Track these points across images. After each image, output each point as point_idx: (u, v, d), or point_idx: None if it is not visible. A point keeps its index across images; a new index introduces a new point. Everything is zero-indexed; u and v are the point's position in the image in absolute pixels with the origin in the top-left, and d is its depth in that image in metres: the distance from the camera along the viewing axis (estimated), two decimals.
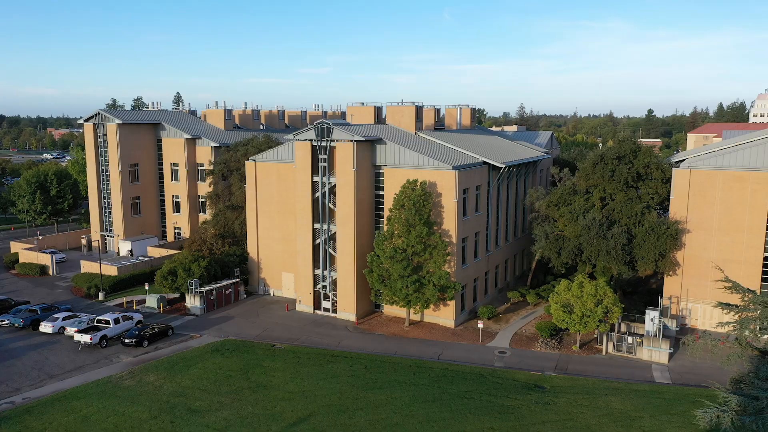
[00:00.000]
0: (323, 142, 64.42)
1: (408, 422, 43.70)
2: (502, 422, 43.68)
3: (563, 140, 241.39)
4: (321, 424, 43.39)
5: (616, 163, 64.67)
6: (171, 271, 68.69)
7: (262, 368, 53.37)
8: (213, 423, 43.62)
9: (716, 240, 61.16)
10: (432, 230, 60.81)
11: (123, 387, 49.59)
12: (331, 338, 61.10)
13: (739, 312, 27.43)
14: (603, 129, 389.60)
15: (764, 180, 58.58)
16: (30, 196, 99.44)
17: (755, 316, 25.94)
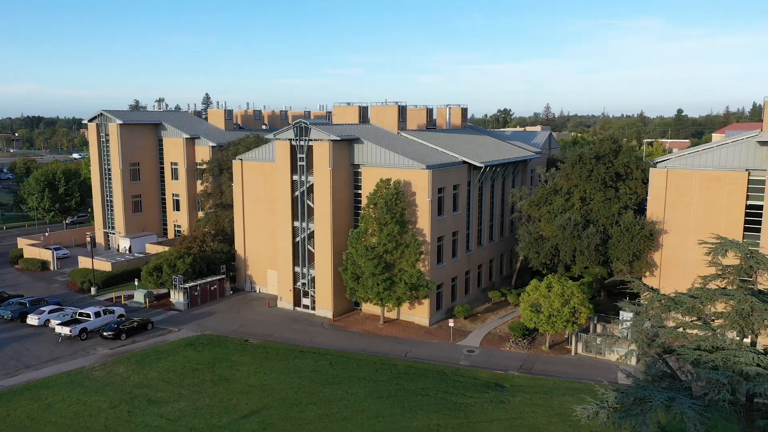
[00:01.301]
0: (301, 142, 65.48)
1: (357, 417, 44.39)
2: (451, 419, 44.02)
3: (581, 140, 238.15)
4: (271, 417, 44.38)
5: (594, 163, 64.24)
6: (156, 267, 70.58)
7: (229, 362, 54.62)
8: (168, 413, 44.97)
9: (693, 241, 60.10)
10: (405, 229, 61.31)
11: (92, 378, 51.35)
12: (305, 334, 62.07)
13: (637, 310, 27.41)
14: (631, 129, 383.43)
15: (740, 180, 57.55)
16: (39, 194, 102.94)
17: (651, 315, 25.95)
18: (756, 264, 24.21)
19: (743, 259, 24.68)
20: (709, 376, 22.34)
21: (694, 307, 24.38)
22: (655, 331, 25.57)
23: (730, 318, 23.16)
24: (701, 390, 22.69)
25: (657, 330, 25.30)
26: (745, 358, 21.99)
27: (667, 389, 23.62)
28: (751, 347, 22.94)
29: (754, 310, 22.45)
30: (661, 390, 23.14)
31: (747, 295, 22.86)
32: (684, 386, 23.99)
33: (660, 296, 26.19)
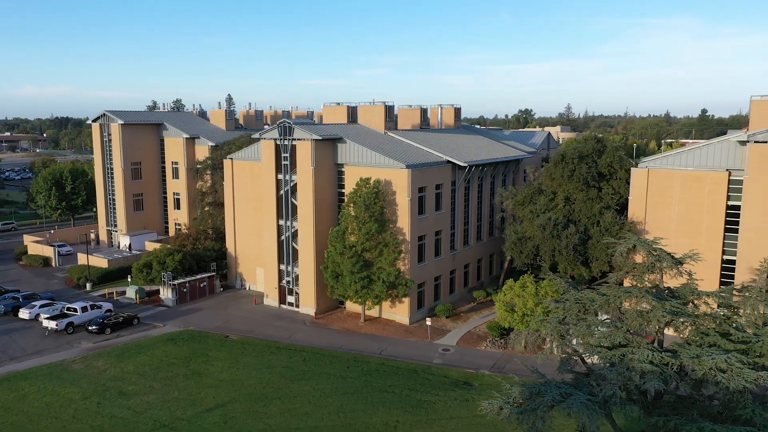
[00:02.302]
0: (285, 141, 66.36)
1: (318, 412, 45.04)
2: (410, 416, 44.41)
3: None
4: (234, 411, 45.25)
5: (577, 163, 63.93)
6: (146, 264, 72.13)
7: (205, 357, 55.68)
8: (135, 405, 46.13)
9: (674, 242, 59.39)
10: (385, 227, 61.77)
11: (70, 370, 52.81)
12: (285, 331, 62.89)
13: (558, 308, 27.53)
14: (654, 129, 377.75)
15: (721, 180, 56.84)
16: (46, 192, 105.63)
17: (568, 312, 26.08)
18: (658, 262, 24.19)
19: (647, 257, 24.68)
20: (601, 372, 22.43)
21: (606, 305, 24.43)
22: (567, 329, 25.70)
23: (631, 316, 23.19)
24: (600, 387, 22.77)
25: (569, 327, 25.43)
26: (640, 355, 22.02)
27: (570, 385, 23.76)
28: (650, 345, 22.95)
29: (653, 308, 22.45)
30: (558, 386, 23.31)
31: (644, 294, 22.87)
32: (592, 383, 24.06)
33: (578, 294, 26.30)
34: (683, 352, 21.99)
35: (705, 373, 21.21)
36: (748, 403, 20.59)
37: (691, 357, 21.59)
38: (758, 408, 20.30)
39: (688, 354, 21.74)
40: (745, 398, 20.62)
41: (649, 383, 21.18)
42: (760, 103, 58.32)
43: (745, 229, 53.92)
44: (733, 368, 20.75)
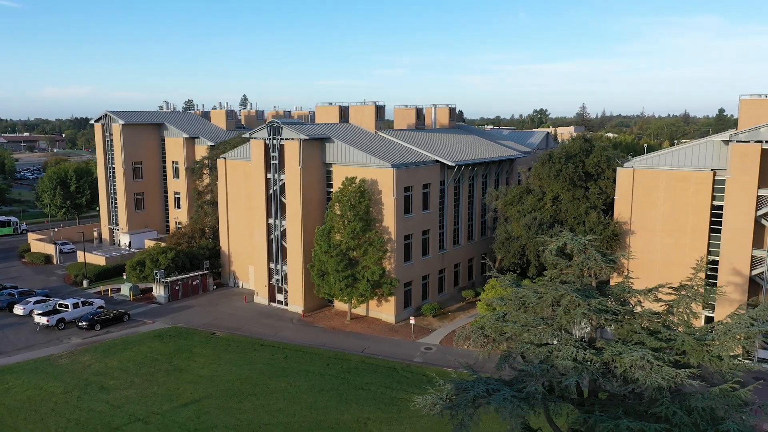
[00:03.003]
0: (274, 141, 67.04)
1: (291, 408, 45.59)
2: (381, 413, 44.77)
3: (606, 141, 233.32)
4: (208, 406, 45.95)
5: (563, 162, 63.79)
6: (139, 262, 73.26)
7: (189, 353, 56.49)
8: (113, 400, 47.02)
9: (660, 242, 59.26)
10: (370, 226, 62.16)
11: (56, 365, 53.92)
12: (272, 329, 63.54)
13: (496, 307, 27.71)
14: (670, 129, 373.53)
15: (706, 180, 56.35)
16: (51, 191, 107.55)
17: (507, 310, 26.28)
18: (586, 260, 24.29)
19: (576, 255, 24.78)
20: (522, 368, 22.61)
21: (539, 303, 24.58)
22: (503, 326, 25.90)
23: (559, 314, 23.33)
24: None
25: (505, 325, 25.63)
26: (565, 352, 22.16)
27: (503, 382, 23.97)
28: (578, 342, 23.06)
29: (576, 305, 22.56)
30: (486, 382, 23.53)
31: (569, 291, 22.99)
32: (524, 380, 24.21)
33: (520, 291, 26.48)
34: (608, 350, 22.08)
35: (625, 370, 21.31)
36: (665, 401, 20.64)
37: (613, 354, 21.69)
38: (673, 406, 20.33)
39: (611, 351, 21.83)
40: (663, 395, 20.66)
41: (567, 380, 21.32)
42: (749, 102, 57.72)
43: (727, 229, 53.42)
44: (652, 366, 20.81)
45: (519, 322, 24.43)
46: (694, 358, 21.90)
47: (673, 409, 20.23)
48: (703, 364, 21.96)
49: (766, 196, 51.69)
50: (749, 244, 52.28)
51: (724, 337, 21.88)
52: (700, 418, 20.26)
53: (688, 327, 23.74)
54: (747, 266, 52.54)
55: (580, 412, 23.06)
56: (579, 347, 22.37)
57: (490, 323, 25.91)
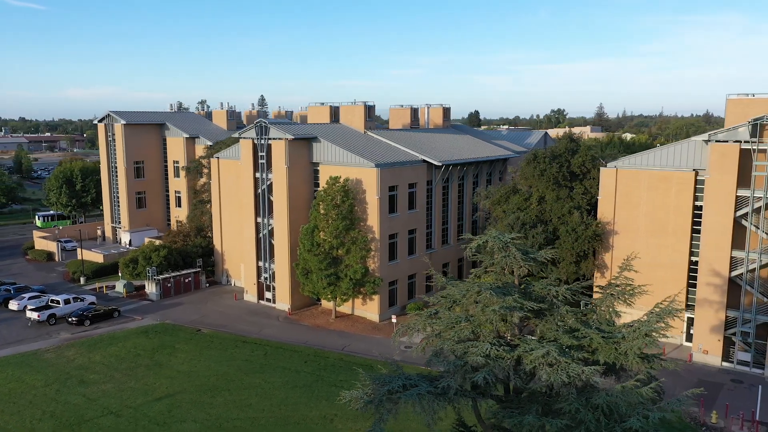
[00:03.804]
0: (262, 140, 67.85)
1: (261, 404, 46.25)
2: (350, 410, 44.94)
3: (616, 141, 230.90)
4: (181, 401, 46.79)
5: (548, 162, 63.61)
6: (132, 260, 74.58)
7: (171, 349, 57.47)
8: (90, 393, 48.09)
9: (643, 242, 58.89)
10: (354, 225, 62.64)
11: (41, 359, 55.23)
12: (257, 326, 64.31)
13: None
14: (689, 129, 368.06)
15: (687, 180, 55.92)
16: (57, 190, 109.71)
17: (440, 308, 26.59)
18: (506, 258, 24.47)
19: (497, 253, 24.97)
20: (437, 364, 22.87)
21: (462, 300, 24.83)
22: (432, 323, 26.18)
23: (477, 311, 23.55)
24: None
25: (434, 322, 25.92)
26: (479, 348, 22.40)
27: (424, 378, 24.26)
28: (495, 339, 23.26)
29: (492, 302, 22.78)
30: (407, 377, 23.83)
31: (484, 289, 23.21)
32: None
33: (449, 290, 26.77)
34: (522, 347, 22.26)
35: (535, 367, 21.47)
36: (571, 398, 20.74)
37: (524, 351, 21.86)
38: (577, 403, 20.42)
39: (523, 349, 22.01)
40: (569, 392, 20.77)
41: (475, 376, 21.56)
42: (736, 101, 57.13)
43: (706, 230, 52.92)
44: (559, 363, 20.95)
45: (444, 319, 24.72)
46: (603, 355, 21.99)
47: (576, 406, 20.35)
48: (609, 361, 22.02)
49: (745, 197, 51.12)
50: (728, 245, 51.75)
51: (632, 335, 21.91)
52: (603, 415, 20.36)
53: (608, 325, 23.80)
54: (726, 267, 52.00)
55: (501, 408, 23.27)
56: (494, 344, 22.59)
57: (420, 321, 26.18)
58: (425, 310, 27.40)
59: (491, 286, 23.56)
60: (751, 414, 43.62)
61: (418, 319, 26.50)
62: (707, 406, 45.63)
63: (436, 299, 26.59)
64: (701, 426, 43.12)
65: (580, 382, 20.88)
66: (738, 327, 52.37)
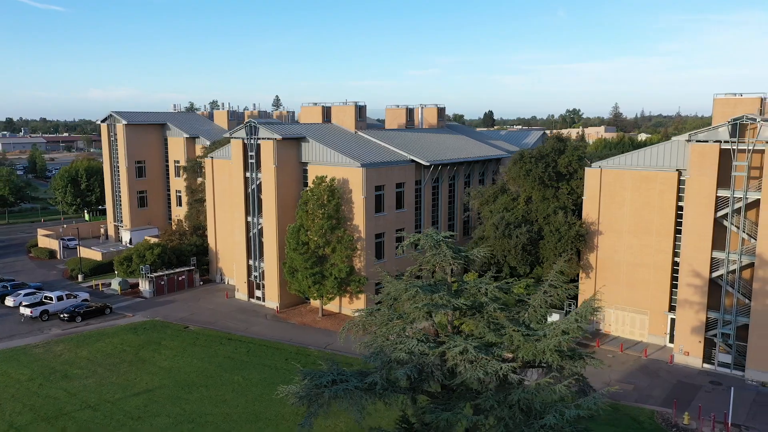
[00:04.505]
0: (252, 140, 68.64)
1: (237, 400, 46.88)
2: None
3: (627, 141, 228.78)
4: (158, 396, 47.59)
5: (534, 162, 63.57)
6: (127, 258, 75.77)
7: (157, 346, 58.38)
8: (71, 388, 49.08)
9: (627, 243, 58.68)
10: (340, 225, 63.13)
11: (29, 354, 56.43)
12: (244, 324, 65.06)
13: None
14: None
15: (670, 180, 55.62)
16: (62, 189, 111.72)
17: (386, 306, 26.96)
18: (436, 256, 24.75)
19: (428, 250, 25.25)
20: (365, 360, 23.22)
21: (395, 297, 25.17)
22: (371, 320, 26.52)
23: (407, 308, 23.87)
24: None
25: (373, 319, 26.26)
26: (406, 345, 22.71)
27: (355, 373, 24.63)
28: (423, 336, 23.57)
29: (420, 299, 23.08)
30: (339, 372, 24.21)
31: (411, 287, 23.51)
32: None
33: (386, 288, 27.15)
34: (448, 344, 22.53)
35: (456, 364, 21.73)
36: (488, 394, 20.96)
37: (447, 348, 22.14)
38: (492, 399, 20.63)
39: (447, 346, 22.27)
40: (488, 389, 20.99)
41: (398, 372, 21.89)
42: (723, 101, 56.86)
43: (687, 230, 52.58)
44: (479, 359, 21.20)
45: (378, 317, 25.07)
46: (523, 352, 22.16)
47: (492, 403, 20.59)
48: (527, 358, 22.18)
49: (725, 197, 50.74)
50: (709, 246, 51.39)
51: (552, 333, 22.06)
52: (521, 412, 20.55)
53: (537, 323, 23.98)
54: (707, 268, 51.64)
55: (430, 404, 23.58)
56: (422, 341, 22.91)
57: (361, 319, 26.55)
58: (375, 306, 27.76)
59: (421, 284, 23.86)
60: (723, 416, 43.31)
61: (360, 317, 26.81)
62: (684, 408, 45.42)
63: (382, 297, 26.91)
64: (672, 427, 42.93)
65: (498, 378, 21.10)
66: (719, 328, 51.99)
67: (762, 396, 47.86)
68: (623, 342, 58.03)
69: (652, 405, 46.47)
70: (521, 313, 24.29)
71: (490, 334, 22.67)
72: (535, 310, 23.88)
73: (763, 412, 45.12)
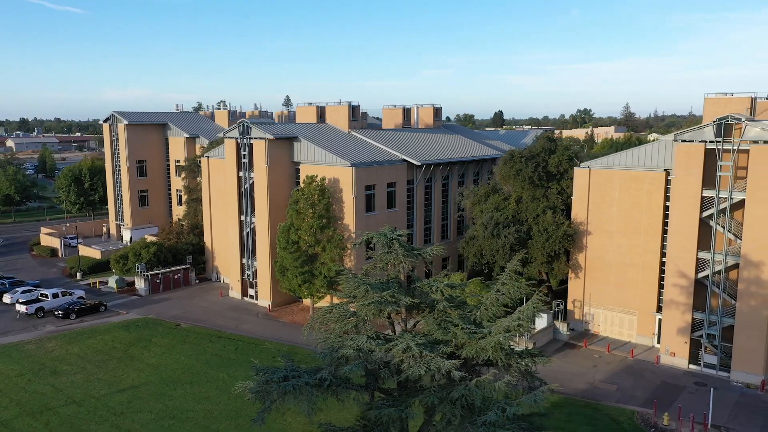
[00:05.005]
0: (244, 140, 69.15)
1: (219, 397, 47.35)
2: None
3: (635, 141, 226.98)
4: (143, 392, 48.19)
5: (523, 162, 63.49)
6: (123, 256, 76.60)
7: (147, 343, 59.05)
8: (59, 383, 49.82)
9: (616, 243, 58.50)
10: (330, 224, 63.45)
11: (21, 350, 57.30)
12: (235, 322, 65.58)
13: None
14: None
15: (658, 180, 55.37)
16: (66, 188, 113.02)
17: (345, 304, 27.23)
18: (387, 255, 24.94)
19: (380, 249, 25.45)
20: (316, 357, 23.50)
21: (350, 294, 25.42)
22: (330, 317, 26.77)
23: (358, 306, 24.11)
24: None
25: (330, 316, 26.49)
26: (357, 342, 22.95)
27: (310, 370, 24.91)
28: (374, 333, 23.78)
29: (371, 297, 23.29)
30: (293, 369, 24.50)
31: (362, 284, 23.73)
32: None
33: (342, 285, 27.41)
34: (395, 341, 22.74)
35: (402, 360, 21.93)
36: (432, 391, 21.13)
37: (393, 345, 22.34)
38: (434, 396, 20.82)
39: (395, 343, 22.48)
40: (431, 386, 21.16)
41: (345, 369, 22.13)
42: (714, 100, 56.57)
43: (673, 230, 52.34)
44: (423, 356, 21.38)
45: (334, 313, 25.34)
46: (467, 350, 22.29)
47: (433, 399, 20.77)
48: (469, 355, 22.31)
49: (710, 197, 50.46)
50: (694, 247, 51.12)
51: (496, 331, 22.16)
52: (463, 409, 20.70)
53: (488, 321, 24.10)
54: (692, 268, 51.38)
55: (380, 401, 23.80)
56: (373, 338, 23.13)
57: (320, 315, 26.80)
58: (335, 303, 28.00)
59: (372, 281, 24.10)
60: (703, 417, 43.12)
61: (320, 314, 27.08)
62: (666, 409, 45.24)
63: (343, 294, 27.18)
64: (651, 428, 42.81)
65: (440, 375, 21.27)
66: (704, 329, 51.71)
67: (746, 397, 47.57)
68: (611, 342, 57.84)
69: (633, 405, 46.35)
70: (473, 312, 24.42)
71: (438, 332, 22.85)
72: (486, 309, 23.99)
73: (745, 414, 44.88)
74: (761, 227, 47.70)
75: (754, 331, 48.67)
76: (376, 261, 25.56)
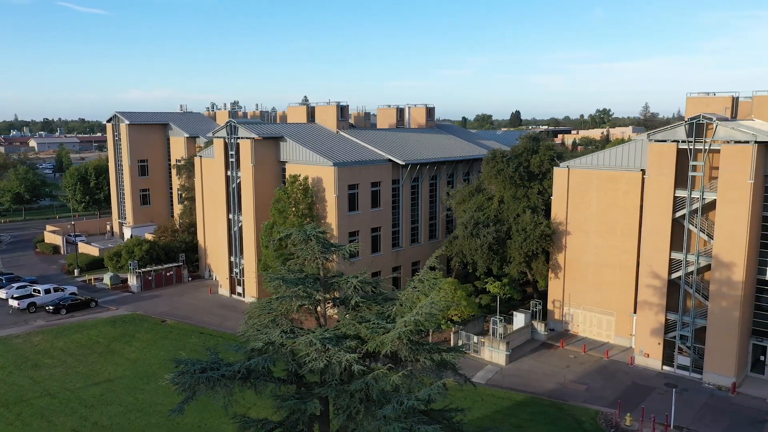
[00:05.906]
0: (232, 140, 70.17)
1: None
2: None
3: None
4: (117, 385, 49.36)
5: (505, 162, 63.54)
6: (116, 253, 78.12)
7: (130, 338, 60.29)
8: (38, 376, 51.19)
9: (594, 243, 58.31)
10: (310, 222, 64.06)
11: (8, 343, 58.89)
12: (219, 318, 66.58)
13: None
14: None
15: (635, 180, 55.11)
16: (72, 187, 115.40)
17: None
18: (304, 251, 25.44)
19: (297, 245, 25.94)
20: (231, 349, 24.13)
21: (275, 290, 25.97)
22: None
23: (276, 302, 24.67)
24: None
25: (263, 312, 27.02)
26: (269, 335, 23.50)
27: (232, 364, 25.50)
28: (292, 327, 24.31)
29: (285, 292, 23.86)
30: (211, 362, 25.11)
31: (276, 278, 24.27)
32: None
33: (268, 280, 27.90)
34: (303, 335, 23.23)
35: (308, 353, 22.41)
36: (331, 384, 21.57)
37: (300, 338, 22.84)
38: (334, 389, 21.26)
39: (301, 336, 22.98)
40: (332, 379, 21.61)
41: (251, 362, 22.71)
42: (695, 100, 56.05)
43: (647, 231, 52.04)
44: (327, 350, 21.84)
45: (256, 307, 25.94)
46: (369, 345, 22.65)
47: (332, 392, 21.23)
48: (371, 349, 22.66)
49: (683, 197, 50.11)
50: (667, 247, 50.80)
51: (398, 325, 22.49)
52: (359, 401, 21.12)
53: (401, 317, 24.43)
54: (665, 269, 51.04)
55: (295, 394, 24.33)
56: (286, 332, 23.67)
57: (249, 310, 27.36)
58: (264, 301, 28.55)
59: (289, 277, 24.64)
60: (665, 418, 42.90)
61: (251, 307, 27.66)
62: (631, 409, 45.06)
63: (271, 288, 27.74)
64: (612, 428, 42.71)
65: (341, 368, 21.72)
66: (678, 330, 51.34)
67: (715, 399, 47.17)
68: (588, 343, 57.65)
69: (599, 406, 46.25)
70: (389, 308, 24.82)
71: (345, 327, 23.32)
72: (401, 305, 24.37)
73: (711, 416, 44.53)
74: (732, 227, 47.28)
75: (726, 333, 48.24)
76: (295, 257, 26.05)
